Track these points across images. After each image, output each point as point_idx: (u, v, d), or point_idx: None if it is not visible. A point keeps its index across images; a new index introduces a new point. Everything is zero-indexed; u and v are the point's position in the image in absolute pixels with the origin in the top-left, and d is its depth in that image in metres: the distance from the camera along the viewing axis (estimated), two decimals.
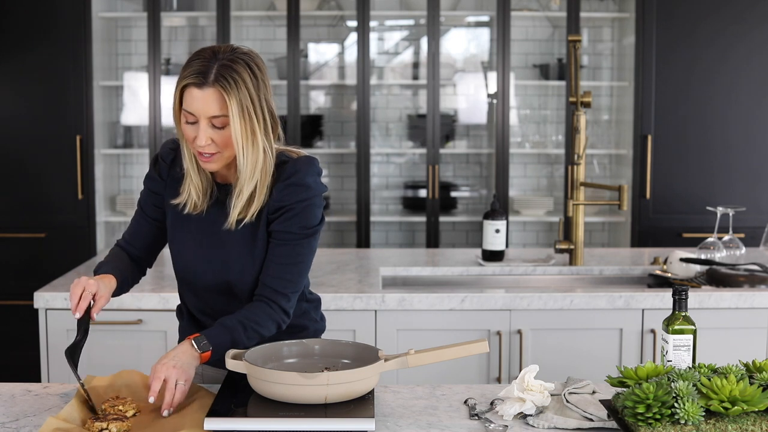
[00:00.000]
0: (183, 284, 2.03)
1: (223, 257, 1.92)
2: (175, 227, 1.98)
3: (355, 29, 4.84)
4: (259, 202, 1.88)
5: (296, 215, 1.89)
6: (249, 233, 1.91)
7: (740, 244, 3.27)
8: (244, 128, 1.81)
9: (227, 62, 1.80)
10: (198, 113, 1.81)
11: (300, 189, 1.88)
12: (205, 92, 1.79)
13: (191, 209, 1.93)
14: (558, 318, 2.82)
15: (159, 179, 2.00)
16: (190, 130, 1.84)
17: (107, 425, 1.63)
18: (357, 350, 1.85)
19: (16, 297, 4.60)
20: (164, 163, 2.00)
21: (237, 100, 1.79)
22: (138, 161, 5.14)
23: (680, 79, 4.61)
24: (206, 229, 1.94)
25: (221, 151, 1.84)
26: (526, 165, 5.17)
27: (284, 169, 1.89)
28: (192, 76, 1.80)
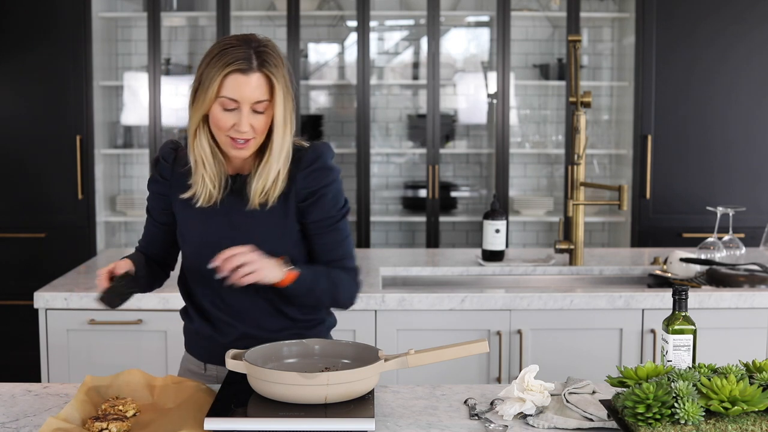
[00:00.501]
0: (198, 280, 2.00)
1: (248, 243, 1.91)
2: (187, 222, 1.98)
3: (355, 29, 4.84)
4: (279, 187, 1.90)
5: (328, 198, 1.93)
6: (273, 221, 1.92)
7: (740, 244, 3.27)
8: (285, 111, 1.86)
9: (263, 48, 1.85)
10: (243, 99, 1.83)
11: (325, 172, 1.93)
12: (251, 78, 1.82)
13: (205, 201, 1.93)
14: (558, 318, 2.82)
15: (163, 180, 2.00)
16: (228, 118, 1.85)
17: (107, 425, 1.63)
18: (357, 350, 1.85)
19: (16, 297, 4.60)
20: (166, 163, 2.00)
21: (281, 84, 1.84)
22: (138, 161, 5.14)
23: (680, 79, 4.61)
24: (225, 219, 1.94)
25: (256, 136, 1.87)
26: (526, 165, 5.17)
27: (304, 156, 1.93)
28: (237, 62, 1.82)
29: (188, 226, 1.98)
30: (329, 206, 1.94)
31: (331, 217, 1.94)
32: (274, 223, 1.93)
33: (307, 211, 1.93)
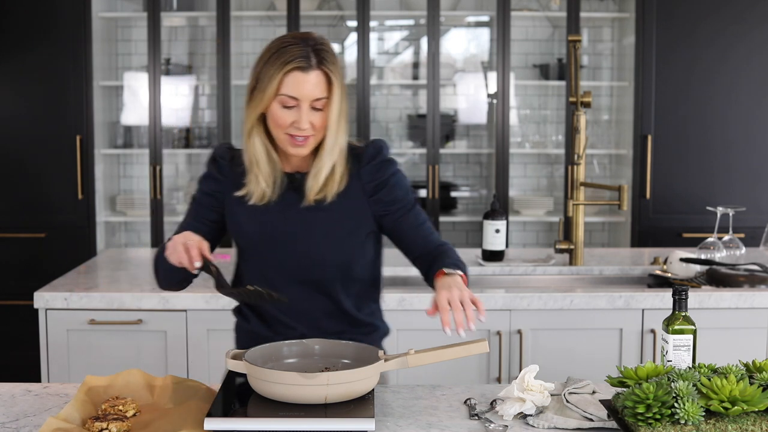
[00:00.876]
0: (256, 275, 1.99)
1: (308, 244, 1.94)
2: (243, 219, 1.98)
3: (355, 29, 4.84)
4: (336, 182, 1.92)
5: (396, 185, 1.98)
6: (336, 219, 1.94)
7: (740, 244, 3.27)
8: (340, 108, 1.89)
9: (321, 46, 1.87)
10: (303, 96, 1.85)
11: (388, 164, 1.98)
12: (311, 75, 1.85)
13: (258, 200, 1.94)
14: (558, 318, 2.82)
15: (220, 177, 2.00)
16: (287, 115, 1.87)
17: (107, 425, 1.63)
18: (357, 350, 1.85)
19: (16, 297, 4.60)
20: (223, 161, 2.01)
21: (338, 81, 1.87)
22: (138, 161, 5.13)
23: (680, 79, 4.61)
24: (282, 216, 1.95)
25: (315, 134, 1.88)
26: (526, 165, 5.17)
27: (364, 153, 1.97)
28: (296, 60, 1.84)
29: (245, 223, 1.98)
30: (402, 192, 1.98)
31: (407, 201, 1.99)
32: (336, 221, 1.94)
33: (382, 203, 1.96)
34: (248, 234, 1.99)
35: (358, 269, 2.00)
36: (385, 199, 1.97)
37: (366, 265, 2.02)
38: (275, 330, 2.00)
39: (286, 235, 1.95)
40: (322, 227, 1.94)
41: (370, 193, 1.96)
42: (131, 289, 2.84)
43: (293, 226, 1.94)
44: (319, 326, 1.98)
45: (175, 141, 5.01)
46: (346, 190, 1.94)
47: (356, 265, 1.99)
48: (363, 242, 1.98)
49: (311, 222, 1.94)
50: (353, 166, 1.96)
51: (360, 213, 1.96)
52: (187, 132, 5.02)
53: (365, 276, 2.03)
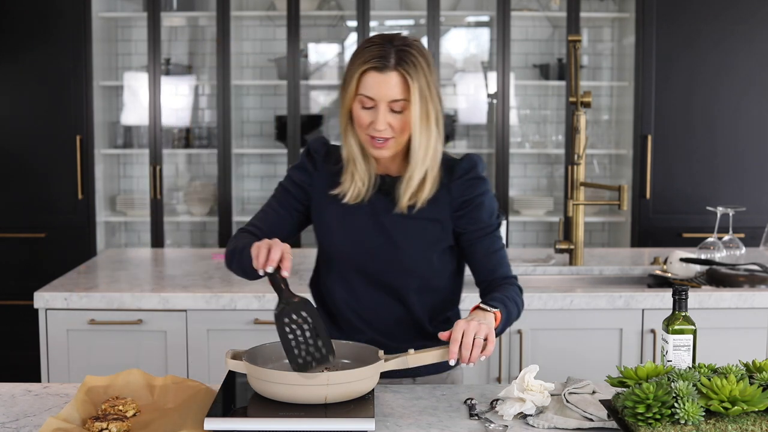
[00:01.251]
0: (335, 278, 1.99)
1: (392, 248, 1.92)
2: (329, 214, 1.97)
3: (355, 29, 4.84)
4: (427, 189, 1.90)
5: (484, 207, 1.95)
6: (422, 227, 1.93)
7: (740, 244, 3.27)
8: (422, 112, 1.84)
9: (404, 48, 1.83)
10: (378, 97, 1.82)
11: (479, 182, 1.95)
12: (387, 76, 1.82)
13: (353, 199, 1.93)
14: (558, 318, 2.82)
15: (312, 170, 1.99)
16: (366, 116, 1.85)
17: (107, 425, 1.63)
18: (357, 350, 1.85)
19: (16, 297, 4.60)
20: (318, 155, 2.00)
21: (418, 83, 1.82)
22: (138, 161, 5.13)
23: (680, 79, 4.61)
24: (372, 219, 1.94)
25: (396, 136, 1.86)
26: (526, 165, 5.17)
27: (458, 166, 1.94)
28: (373, 60, 1.82)
29: (331, 221, 1.97)
30: (486, 215, 1.95)
31: (488, 225, 1.96)
32: (422, 229, 1.93)
33: (464, 220, 1.94)
34: (333, 233, 1.97)
35: (436, 280, 1.98)
36: (467, 218, 1.94)
37: (445, 277, 1.99)
38: (346, 332, 1.99)
39: (371, 238, 1.93)
40: (406, 235, 1.92)
41: (455, 208, 1.94)
42: (131, 289, 2.84)
43: (379, 231, 1.93)
44: (390, 333, 1.97)
45: (175, 141, 5.01)
46: (435, 200, 1.92)
47: (435, 276, 1.97)
48: (444, 254, 1.96)
49: (397, 228, 1.92)
50: (445, 177, 1.93)
51: (444, 225, 1.94)
52: (187, 132, 5.02)
53: (443, 288, 2.00)
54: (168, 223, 5.02)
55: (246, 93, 5.11)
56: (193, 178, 5.16)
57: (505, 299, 1.89)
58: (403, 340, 1.97)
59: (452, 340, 1.74)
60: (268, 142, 5.12)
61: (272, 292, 2.73)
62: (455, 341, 1.73)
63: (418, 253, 1.93)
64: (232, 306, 2.78)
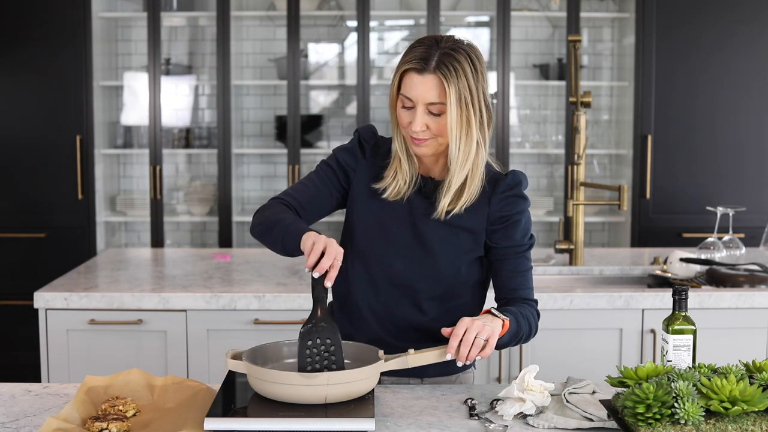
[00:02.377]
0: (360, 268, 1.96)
1: (423, 251, 1.91)
2: (365, 206, 1.96)
3: (355, 29, 4.84)
4: (468, 196, 1.88)
5: (521, 226, 1.94)
6: (457, 235, 1.91)
7: (740, 244, 3.27)
8: (460, 118, 1.82)
9: (449, 51, 1.81)
10: (416, 99, 1.82)
11: (520, 200, 1.94)
12: (425, 78, 1.81)
13: (393, 195, 1.92)
14: (558, 318, 2.82)
15: (360, 155, 1.98)
16: (406, 115, 1.85)
17: (107, 425, 1.63)
18: (357, 350, 1.85)
19: (16, 297, 4.60)
20: (367, 144, 1.99)
21: (456, 88, 1.80)
22: (138, 161, 5.14)
23: (680, 78, 4.61)
24: (408, 219, 1.93)
25: (434, 137, 1.85)
26: (526, 165, 5.17)
27: (502, 180, 1.92)
28: (414, 61, 1.81)
29: (369, 214, 1.95)
30: (520, 234, 1.93)
31: (521, 245, 1.94)
32: (456, 237, 1.91)
33: (497, 235, 1.93)
34: (367, 226, 1.96)
35: (460, 290, 1.96)
36: (501, 234, 1.92)
37: (469, 287, 1.97)
38: (354, 324, 1.98)
39: (404, 238, 1.92)
40: (439, 240, 1.91)
41: (492, 222, 1.92)
42: (131, 289, 2.84)
43: (412, 232, 1.92)
44: (401, 335, 1.95)
45: (175, 141, 5.01)
46: (474, 211, 1.91)
47: (460, 285, 1.95)
48: (472, 264, 1.95)
49: (431, 232, 1.91)
50: (488, 189, 1.91)
51: (477, 236, 1.93)
52: (187, 132, 5.02)
53: (465, 299, 1.98)
54: (168, 223, 5.02)
55: (246, 93, 5.11)
56: (193, 178, 5.16)
57: (518, 314, 1.89)
58: (411, 341, 1.94)
59: (453, 335, 1.74)
60: (268, 142, 5.12)
61: (272, 293, 2.74)
62: (456, 336, 1.73)
63: (447, 261, 1.92)
64: (232, 306, 2.78)
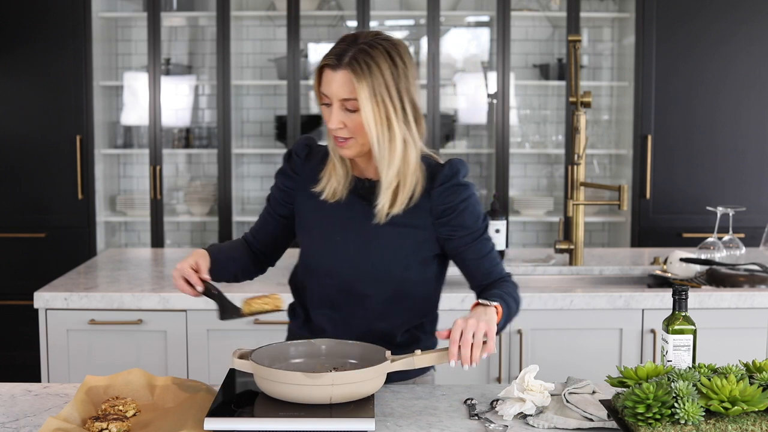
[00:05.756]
0: (311, 278, 1.97)
1: (370, 255, 1.90)
2: (309, 218, 1.96)
3: (355, 29, 4.84)
4: (405, 195, 1.86)
5: (468, 212, 1.90)
6: (401, 233, 1.89)
7: (740, 244, 3.27)
8: (377, 114, 1.80)
9: (365, 47, 1.80)
10: (330, 95, 1.82)
11: (461, 188, 1.90)
12: (338, 74, 1.80)
13: (329, 196, 1.92)
14: (558, 318, 2.82)
15: (292, 174, 1.99)
16: (326, 112, 1.85)
17: (107, 425, 1.63)
18: (364, 351, 1.84)
19: (16, 297, 4.60)
20: (298, 158, 1.99)
21: (368, 84, 1.78)
22: (138, 161, 5.14)
23: (680, 78, 4.61)
24: (349, 222, 1.91)
25: (354, 136, 1.84)
26: (526, 165, 5.17)
27: (440, 172, 1.89)
28: (329, 57, 1.81)
29: (311, 222, 1.96)
30: (471, 221, 1.90)
31: (476, 230, 1.91)
32: (401, 236, 1.89)
33: (448, 227, 1.90)
34: (310, 233, 1.96)
35: (413, 289, 1.94)
36: (451, 224, 1.90)
37: (423, 285, 1.95)
38: (316, 334, 1.97)
39: (346, 243, 1.91)
40: (383, 241, 1.89)
41: (437, 215, 1.89)
42: (131, 289, 2.84)
43: (355, 236, 1.90)
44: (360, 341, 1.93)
45: (175, 141, 5.01)
46: (416, 207, 1.88)
47: (412, 285, 1.93)
48: (422, 264, 1.93)
49: (373, 234, 1.89)
50: (428, 183, 1.88)
51: (423, 234, 1.90)
52: (187, 132, 5.02)
53: (419, 297, 1.96)
54: (168, 223, 5.02)
55: (246, 93, 5.11)
56: (193, 178, 5.16)
57: (503, 294, 1.87)
58: None
59: (451, 340, 1.70)
60: (268, 142, 5.12)
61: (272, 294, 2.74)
62: (454, 342, 1.70)
63: (396, 262, 1.89)
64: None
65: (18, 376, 4.30)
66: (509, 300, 1.88)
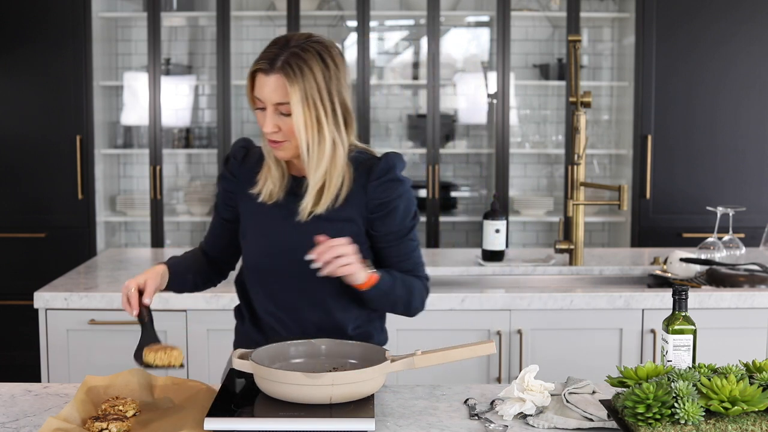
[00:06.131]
0: (255, 280, 1.99)
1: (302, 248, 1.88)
2: (249, 219, 1.97)
3: (355, 29, 4.84)
4: (330, 195, 1.87)
5: (400, 210, 1.91)
6: (338, 228, 1.89)
7: (740, 244, 3.27)
8: (308, 117, 1.80)
9: (297, 50, 1.80)
10: (264, 99, 1.82)
11: (397, 184, 1.90)
12: (270, 78, 1.80)
13: (266, 198, 1.92)
14: (558, 318, 2.82)
15: (231, 177, 2.00)
16: (260, 116, 1.85)
17: (107, 425, 1.63)
18: (364, 351, 1.84)
19: (16, 297, 4.60)
20: (236, 161, 2.00)
21: (301, 87, 1.79)
22: (138, 161, 5.14)
23: (680, 78, 4.61)
24: (285, 220, 1.92)
25: (289, 139, 1.84)
26: (526, 165, 5.17)
27: (375, 166, 1.90)
28: (261, 62, 1.82)
29: (250, 222, 1.97)
30: (400, 218, 1.91)
31: (403, 228, 1.92)
32: (337, 230, 1.89)
33: (377, 223, 1.91)
34: (250, 234, 1.97)
35: None
36: (381, 221, 1.90)
37: None
38: (266, 334, 1.98)
39: (285, 240, 1.92)
40: (313, 236, 1.87)
41: (371, 210, 1.90)
42: None
43: (292, 233, 1.91)
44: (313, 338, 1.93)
45: (175, 141, 5.01)
46: (351, 200, 1.89)
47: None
48: (364, 251, 1.91)
49: (310, 230, 1.88)
50: (363, 177, 1.89)
51: (358, 226, 1.91)
52: (187, 132, 5.02)
53: None
54: (168, 223, 5.02)
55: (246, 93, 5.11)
56: (193, 178, 5.16)
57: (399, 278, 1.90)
58: None
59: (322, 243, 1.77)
60: None
61: None
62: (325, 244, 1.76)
63: None
64: (232, 306, 2.77)
65: (18, 376, 4.30)
66: (399, 286, 1.90)
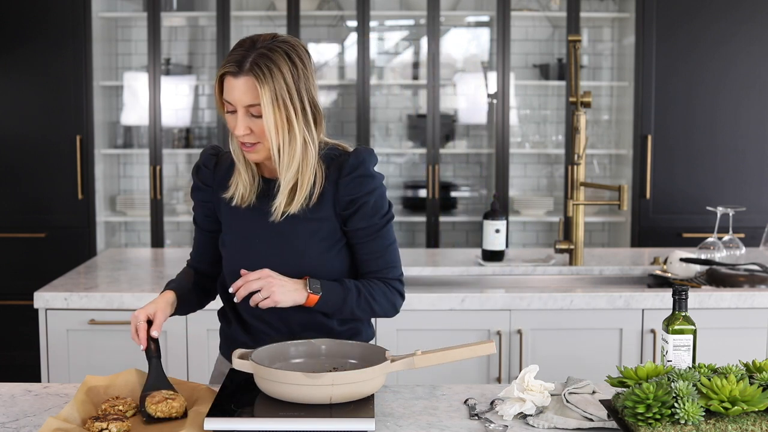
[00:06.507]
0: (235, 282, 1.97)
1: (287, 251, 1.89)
2: (226, 225, 1.96)
3: (355, 29, 4.84)
4: (303, 194, 1.86)
5: (370, 206, 1.89)
6: (312, 227, 1.89)
7: (740, 244, 3.27)
8: (279, 118, 1.79)
9: (265, 51, 1.79)
10: (235, 102, 1.81)
11: (368, 180, 1.88)
12: (240, 81, 1.79)
13: (239, 201, 1.92)
14: (558, 318, 2.82)
15: (205, 187, 1.99)
16: (230, 120, 1.84)
17: (107, 425, 1.63)
18: (364, 351, 1.84)
19: (16, 297, 4.60)
20: (207, 169, 1.98)
21: (271, 88, 1.77)
22: (138, 161, 5.14)
23: (680, 78, 4.61)
24: (259, 222, 1.91)
25: (261, 141, 1.83)
26: (526, 165, 5.17)
27: (346, 162, 1.88)
28: (229, 65, 1.80)
29: (227, 226, 1.96)
30: (371, 214, 1.89)
31: (373, 225, 1.90)
32: (313, 228, 1.89)
33: (349, 219, 1.90)
34: (227, 237, 1.97)
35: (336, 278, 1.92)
36: (353, 218, 1.89)
37: (346, 274, 1.94)
38: (254, 336, 1.97)
39: (262, 241, 1.91)
40: (297, 235, 1.89)
41: (343, 207, 1.89)
42: (131, 289, 2.84)
43: (269, 233, 1.90)
44: (296, 336, 1.94)
45: (175, 141, 5.01)
46: (324, 199, 1.88)
47: (335, 275, 1.92)
48: (340, 252, 1.93)
49: (286, 229, 1.89)
50: (334, 173, 1.88)
51: (331, 223, 1.90)
52: (187, 132, 5.02)
53: None
54: (168, 223, 5.02)
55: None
56: None
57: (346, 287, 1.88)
58: None
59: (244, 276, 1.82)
60: None
61: None
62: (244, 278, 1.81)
63: (312, 254, 1.89)
64: None
65: (18, 376, 4.30)
66: (350, 295, 1.88)
